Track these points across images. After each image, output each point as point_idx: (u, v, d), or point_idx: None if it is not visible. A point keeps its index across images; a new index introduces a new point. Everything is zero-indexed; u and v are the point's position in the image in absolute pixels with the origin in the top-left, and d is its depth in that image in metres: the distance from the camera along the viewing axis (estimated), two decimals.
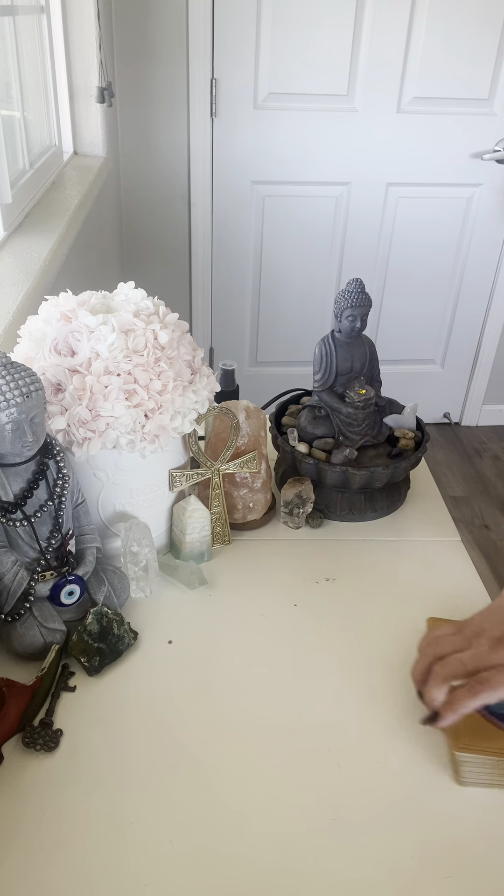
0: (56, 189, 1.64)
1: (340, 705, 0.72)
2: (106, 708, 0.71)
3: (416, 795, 0.64)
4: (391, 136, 2.34)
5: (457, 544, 0.96)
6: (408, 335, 2.71)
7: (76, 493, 0.79)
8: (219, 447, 0.92)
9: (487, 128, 2.36)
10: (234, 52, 2.18)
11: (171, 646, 0.79)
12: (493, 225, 2.52)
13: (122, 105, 2.23)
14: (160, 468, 0.86)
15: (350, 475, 0.93)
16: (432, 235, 2.53)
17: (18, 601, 0.74)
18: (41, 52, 1.74)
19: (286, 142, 2.32)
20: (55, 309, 0.81)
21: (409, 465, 0.96)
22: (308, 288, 2.58)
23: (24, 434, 0.69)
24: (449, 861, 0.59)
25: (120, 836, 0.60)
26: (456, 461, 2.71)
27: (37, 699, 0.69)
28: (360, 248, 2.53)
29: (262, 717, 0.71)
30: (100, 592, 0.79)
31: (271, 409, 1.08)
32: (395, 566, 0.92)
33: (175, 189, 2.38)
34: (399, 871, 0.58)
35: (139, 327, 0.79)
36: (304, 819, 0.62)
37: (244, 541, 0.95)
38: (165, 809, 0.62)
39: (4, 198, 1.30)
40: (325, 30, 2.17)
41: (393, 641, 0.80)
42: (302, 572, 0.90)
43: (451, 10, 2.17)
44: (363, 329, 0.96)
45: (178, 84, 2.22)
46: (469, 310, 2.67)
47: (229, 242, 2.47)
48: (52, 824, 0.61)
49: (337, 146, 2.34)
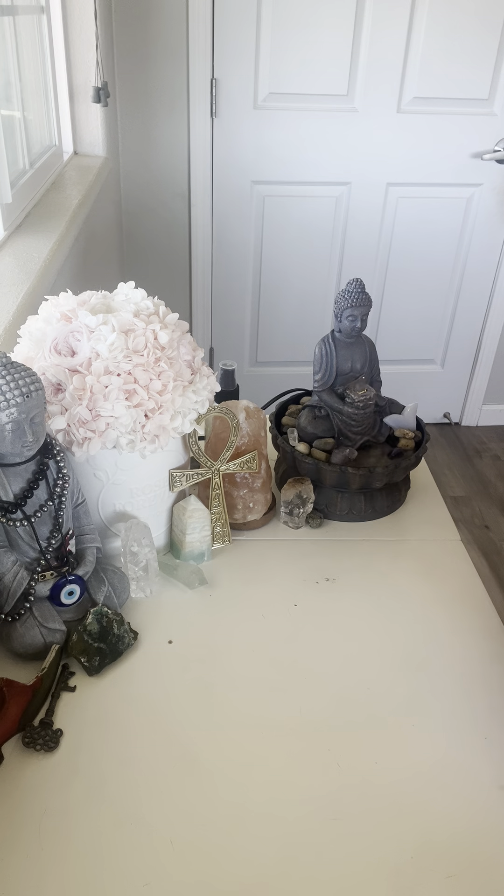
0: (56, 189, 1.64)
1: (340, 705, 0.72)
2: (106, 708, 0.71)
3: (416, 795, 0.64)
4: (391, 137, 2.34)
5: (457, 544, 0.96)
6: (408, 335, 2.71)
7: (76, 493, 0.79)
8: (219, 447, 0.92)
9: (487, 128, 2.36)
10: (234, 52, 2.19)
11: (171, 646, 0.79)
12: (493, 225, 2.52)
13: (122, 105, 2.23)
14: (160, 468, 0.86)
15: (350, 475, 0.93)
16: (432, 235, 2.52)
17: (18, 601, 0.74)
18: (41, 52, 1.74)
19: (286, 142, 2.32)
20: (55, 309, 0.81)
21: (409, 465, 0.96)
22: (308, 288, 2.58)
23: (24, 434, 0.69)
24: (449, 861, 0.59)
25: (120, 836, 0.60)
26: (456, 461, 2.71)
27: (37, 699, 0.69)
28: (360, 248, 2.53)
29: (262, 717, 0.71)
30: (100, 592, 0.79)
31: (271, 409, 1.08)
32: (395, 566, 0.92)
33: (175, 189, 2.38)
34: (399, 871, 0.58)
35: (139, 327, 0.79)
36: (304, 819, 0.62)
37: (244, 541, 0.95)
38: (165, 809, 0.62)
39: (4, 198, 1.30)
40: (325, 30, 2.17)
41: (393, 641, 0.80)
42: (302, 572, 0.90)
43: (450, 11, 2.17)
44: (363, 329, 0.96)
45: (178, 84, 2.22)
46: (469, 310, 2.67)
47: (229, 242, 2.47)
48: (52, 824, 0.61)
49: (337, 146, 2.34)
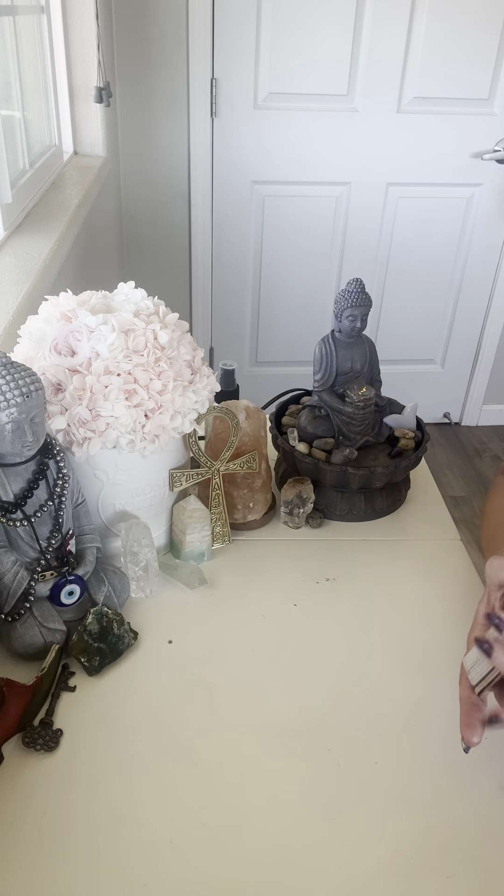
0: (56, 189, 1.64)
1: (340, 705, 0.72)
2: (106, 708, 0.71)
3: (416, 795, 0.64)
4: (391, 136, 2.34)
5: (457, 544, 0.96)
6: (408, 335, 2.71)
7: (76, 493, 0.79)
8: (219, 447, 0.92)
9: (487, 128, 2.36)
10: (234, 52, 2.18)
11: (171, 646, 0.79)
12: (493, 225, 2.52)
13: (122, 105, 2.23)
14: (160, 468, 0.86)
15: (350, 475, 0.93)
16: (432, 235, 2.52)
17: (18, 601, 0.74)
18: (41, 52, 1.74)
19: (286, 142, 2.32)
20: (55, 309, 0.81)
21: (409, 465, 0.96)
22: (308, 288, 2.58)
23: (24, 434, 0.69)
24: (449, 861, 0.59)
25: (120, 836, 0.60)
26: (456, 461, 2.71)
27: (37, 699, 0.69)
28: (360, 248, 2.53)
29: (262, 717, 0.71)
30: (100, 592, 0.79)
31: (271, 409, 1.08)
32: (395, 566, 0.92)
33: (175, 189, 2.37)
34: (399, 871, 0.58)
35: (139, 327, 0.79)
36: (304, 819, 0.62)
37: (244, 541, 0.95)
38: (165, 809, 0.62)
39: (4, 198, 1.30)
40: (325, 30, 2.17)
41: (393, 641, 0.80)
42: (302, 572, 0.90)
43: (451, 11, 2.17)
44: (363, 329, 0.96)
45: (178, 84, 2.22)
46: (469, 310, 2.67)
47: (229, 242, 2.47)
48: (52, 824, 0.61)
49: (337, 146, 2.34)
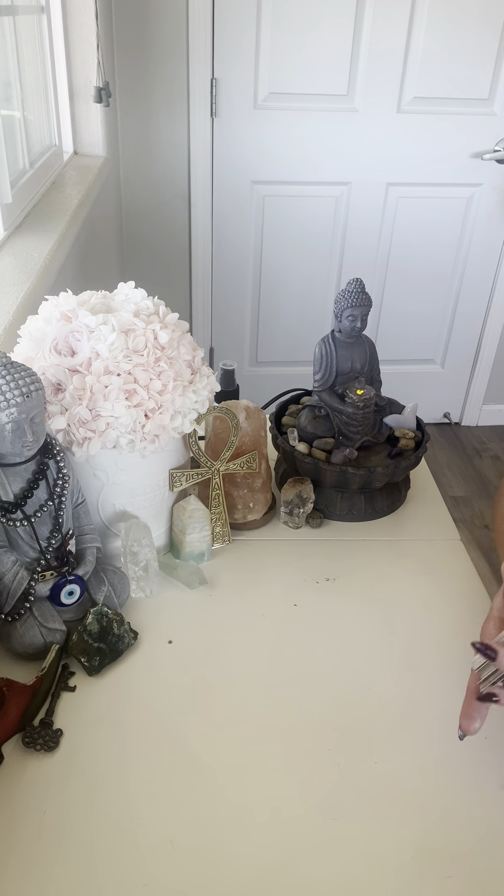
0: (56, 189, 1.64)
1: (340, 705, 0.72)
2: (106, 708, 0.71)
3: (416, 795, 0.64)
4: (391, 136, 2.34)
5: (457, 544, 0.96)
6: (408, 335, 2.71)
7: (76, 493, 0.79)
8: (219, 447, 0.92)
9: (487, 128, 2.36)
10: (234, 52, 2.18)
11: (171, 646, 0.79)
12: (493, 225, 2.52)
13: (122, 105, 2.23)
14: (160, 468, 0.86)
15: (350, 475, 0.93)
16: (432, 235, 2.52)
17: (18, 601, 0.74)
18: (41, 52, 1.74)
19: (286, 142, 2.32)
20: (55, 309, 0.81)
21: (409, 465, 0.96)
22: (308, 288, 2.58)
23: (24, 434, 0.69)
24: (449, 861, 0.59)
25: (120, 836, 0.60)
26: (456, 461, 2.71)
27: (37, 699, 0.69)
28: (360, 248, 2.52)
29: (262, 717, 0.71)
30: (100, 592, 0.79)
31: (271, 409, 1.08)
32: (395, 566, 0.92)
33: (175, 189, 2.37)
34: (399, 871, 0.58)
35: (139, 327, 0.79)
36: (304, 819, 0.62)
37: (244, 541, 0.95)
38: (165, 809, 0.62)
39: (4, 198, 1.30)
40: (325, 30, 2.17)
41: (393, 641, 0.80)
42: (302, 572, 0.90)
43: (451, 11, 2.17)
44: (363, 329, 0.96)
45: (178, 84, 2.22)
46: (469, 310, 2.67)
47: (229, 242, 2.47)
48: (52, 824, 0.61)
49: (337, 146, 2.34)
